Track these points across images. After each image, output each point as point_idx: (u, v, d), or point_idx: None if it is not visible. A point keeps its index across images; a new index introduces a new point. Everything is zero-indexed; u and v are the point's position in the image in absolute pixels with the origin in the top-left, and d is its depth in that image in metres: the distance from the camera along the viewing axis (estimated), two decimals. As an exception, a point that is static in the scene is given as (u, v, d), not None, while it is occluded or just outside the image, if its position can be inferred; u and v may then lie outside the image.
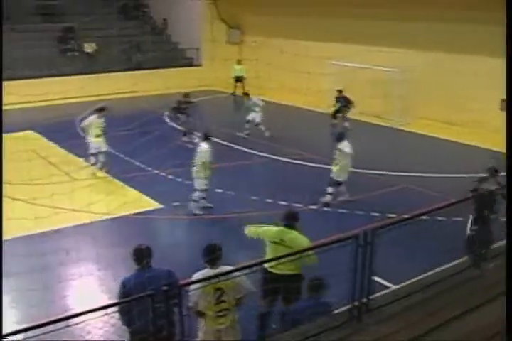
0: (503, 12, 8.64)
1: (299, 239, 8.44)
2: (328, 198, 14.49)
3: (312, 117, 24.12)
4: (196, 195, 13.84)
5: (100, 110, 17.03)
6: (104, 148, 16.79)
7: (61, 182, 11.87)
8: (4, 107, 11.94)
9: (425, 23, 22.90)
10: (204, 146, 13.67)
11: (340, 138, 14.64)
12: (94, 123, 16.77)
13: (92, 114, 17.21)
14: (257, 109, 20.99)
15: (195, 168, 13.63)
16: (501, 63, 21.23)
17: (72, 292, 9.75)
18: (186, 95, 21.22)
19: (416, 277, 8.59)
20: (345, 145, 14.36)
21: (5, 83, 15.21)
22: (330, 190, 14.48)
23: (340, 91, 23.40)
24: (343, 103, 23.25)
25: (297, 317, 7.21)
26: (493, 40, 20.98)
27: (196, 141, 19.58)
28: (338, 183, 14.57)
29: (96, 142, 16.66)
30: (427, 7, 22.80)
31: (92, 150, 16.70)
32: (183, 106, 20.89)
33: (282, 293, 8.22)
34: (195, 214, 13.78)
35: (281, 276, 8.07)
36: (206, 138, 13.92)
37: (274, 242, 8.43)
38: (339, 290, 7.41)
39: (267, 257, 8.21)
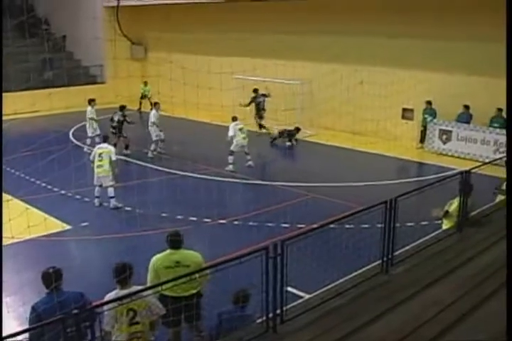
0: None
1: (193, 255, 8.39)
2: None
3: (216, 132, 24.11)
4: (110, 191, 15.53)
5: (155, 104, 21.41)
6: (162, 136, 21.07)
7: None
8: None
9: (321, 36, 23.54)
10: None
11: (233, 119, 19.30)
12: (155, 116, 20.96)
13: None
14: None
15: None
16: (404, 73, 22.14)
17: (-21, 321, 9.37)
18: (122, 108, 21.22)
19: (328, 285, 8.73)
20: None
21: None
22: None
23: (256, 90, 24.21)
24: (262, 98, 24.17)
25: (227, 327, 7.23)
26: (392, 52, 21.81)
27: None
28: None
29: (155, 131, 20.71)
30: (322, 21, 23.44)
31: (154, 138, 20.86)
32: (122, 119, 20.59)
33: (188, 313, 7.84)
34: (117, 208, 15.38)
35: (186, 297, 7.84)
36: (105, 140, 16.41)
37: (169, 267, 8.12)
38: (254, 303, 7.47)
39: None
